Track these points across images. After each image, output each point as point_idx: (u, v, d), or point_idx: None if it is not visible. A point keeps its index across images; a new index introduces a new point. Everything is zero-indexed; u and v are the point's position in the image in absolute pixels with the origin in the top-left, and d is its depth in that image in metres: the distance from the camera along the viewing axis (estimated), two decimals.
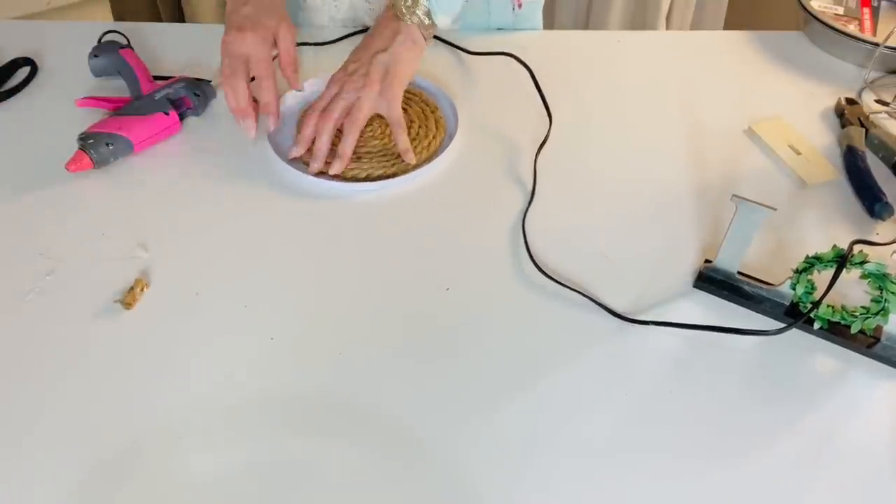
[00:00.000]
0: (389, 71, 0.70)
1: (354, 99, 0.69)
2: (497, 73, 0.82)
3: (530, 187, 0.68)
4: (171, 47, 0.86)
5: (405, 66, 0.72)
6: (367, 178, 0.69)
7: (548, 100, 0.76)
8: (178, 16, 1.75)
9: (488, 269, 0.61)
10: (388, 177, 0.69)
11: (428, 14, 0.73)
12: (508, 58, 0.81)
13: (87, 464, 0.47)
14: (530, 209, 0.66)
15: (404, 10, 0.72)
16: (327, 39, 0.88)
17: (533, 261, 0.61)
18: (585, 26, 1.75)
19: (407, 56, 0.72)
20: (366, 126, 0.72)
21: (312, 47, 0.87)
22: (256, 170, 0.70)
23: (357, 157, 0.70)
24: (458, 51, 0.86)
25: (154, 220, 0.65)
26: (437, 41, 0.87)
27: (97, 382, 0.52)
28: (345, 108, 0.69)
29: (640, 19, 1.70)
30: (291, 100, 0.77)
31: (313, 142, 0.69)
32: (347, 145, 0.68)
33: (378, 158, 0.70)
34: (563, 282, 0.59)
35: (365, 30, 0.89)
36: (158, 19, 1.72)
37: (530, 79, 0.78)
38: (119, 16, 1.47)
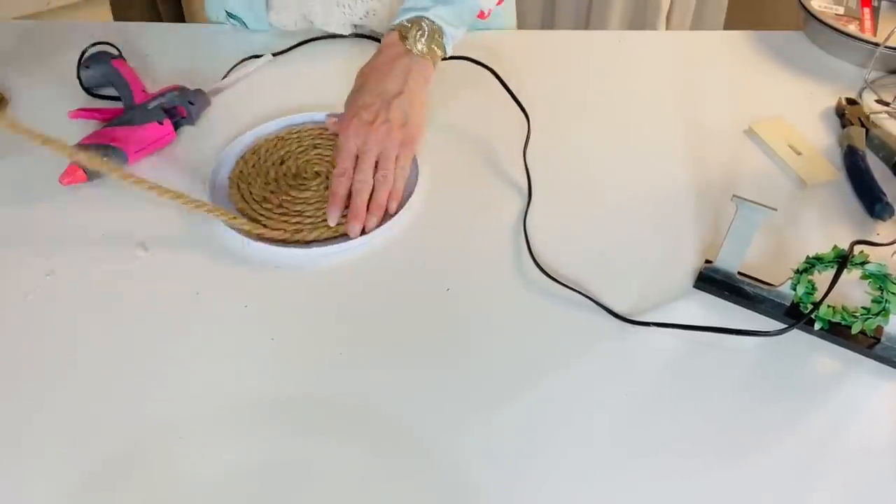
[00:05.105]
0: (409, 118, 0.66)
1: (378, 152, 0.64)
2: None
3: (526, 188, 0.68)
4: (168, 51, 0.86)
5: (420, 108, 0.68)
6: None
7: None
8: (179, 15, 1.75)
9: (489, 269, 0.61)
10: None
11: (441, 45, 0.69)
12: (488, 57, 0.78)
13: (87, 464, 0.47)
14: (530, 209, 0.66)
15: (419, 45, 0.68)
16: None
17: (535, 261, 0.60)
18: (586, 26, 1.75)
19: (421, 97, 0.68)
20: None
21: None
22: None
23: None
24: None
25: (153, 220, 0.64)
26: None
27: (97, 383, 0.52)
28: (373, 164, 0.64)
29: (640, 19, 1.70)
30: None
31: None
32: (382, 197, 0.63)
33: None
34: (563, 282, 0.59)
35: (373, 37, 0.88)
36: (159, 19, 1.72)
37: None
38: (119, 16, 1.47)
